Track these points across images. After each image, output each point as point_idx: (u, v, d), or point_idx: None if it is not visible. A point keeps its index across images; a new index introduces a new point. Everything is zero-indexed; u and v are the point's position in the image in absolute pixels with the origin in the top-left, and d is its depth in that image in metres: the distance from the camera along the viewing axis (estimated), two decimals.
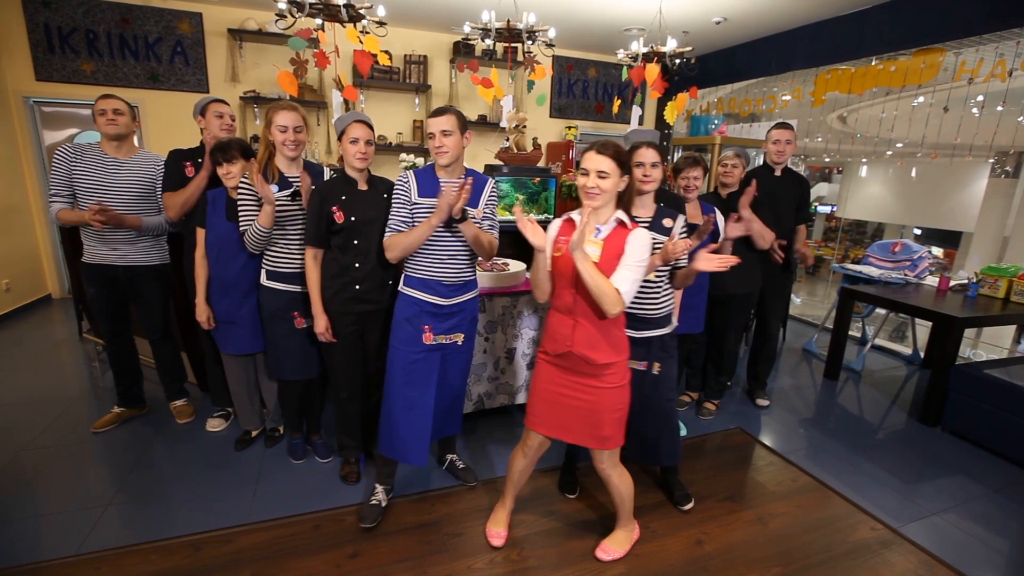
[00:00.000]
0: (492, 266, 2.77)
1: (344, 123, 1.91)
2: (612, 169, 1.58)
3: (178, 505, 2.07)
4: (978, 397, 2.75)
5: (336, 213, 1.92)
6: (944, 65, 3.72)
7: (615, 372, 1.66)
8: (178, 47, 4.70)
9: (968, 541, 2.05)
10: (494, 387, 2.75)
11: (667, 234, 1.90)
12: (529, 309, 2.69)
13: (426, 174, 1.90)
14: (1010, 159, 8.32)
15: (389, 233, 1.86)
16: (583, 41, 5.66)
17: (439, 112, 1.82)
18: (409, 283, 1.93)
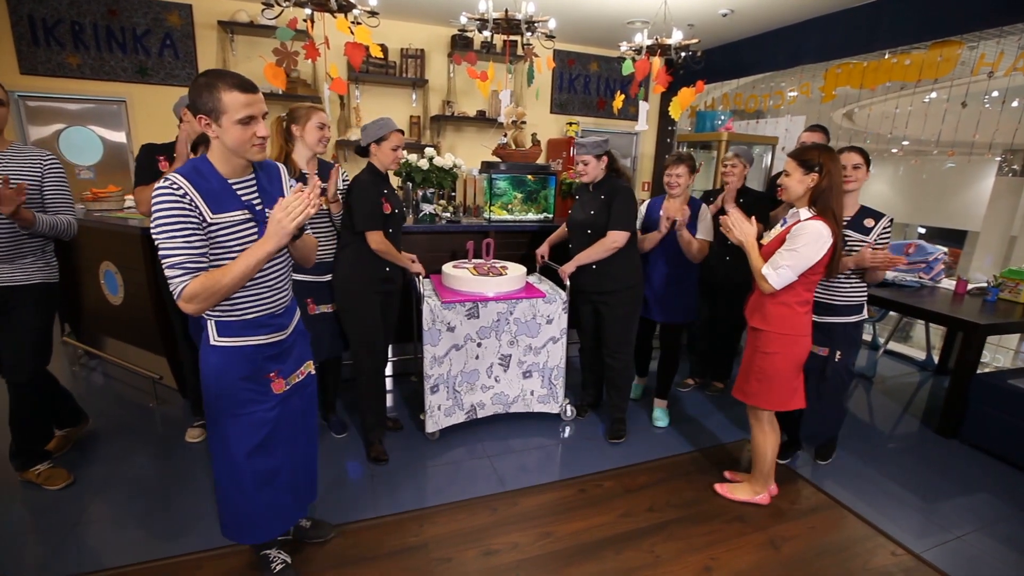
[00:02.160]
0: (489, 269, 2.62)
1: (386, 130, 2.17)
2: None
3: (160, 523, 1.93)
4: (1001, 408, 2.60)
5: (385, 204, 2.21)
6: (962, 59, 3.55)
7: (767, 339, 1.97)
8: (167, 40, 4.56)
9: (998, 567, 1.90)
10: (488, 397, 2.59)
11: (867, 233, 2.16)
12: (527, 315, 2.52)
13: (208, 180, 1.32)
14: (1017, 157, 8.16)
15: (186, 276, 1.25)
16: (585, 35, 5.50)
17: (252, 87, 1.31)
18: (229, 332, 1.40)
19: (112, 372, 3.22)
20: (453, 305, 2.40)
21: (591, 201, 2.47)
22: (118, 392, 2.99)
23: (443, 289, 2.56)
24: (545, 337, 2.60)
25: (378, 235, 2.19)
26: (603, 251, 2.38)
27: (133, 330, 3.03)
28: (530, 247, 3.35)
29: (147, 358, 2.99)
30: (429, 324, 2.36)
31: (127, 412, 2.75)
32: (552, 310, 2.56)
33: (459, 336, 2.44)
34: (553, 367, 2.66)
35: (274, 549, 1.71)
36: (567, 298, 2.56)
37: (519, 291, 2.56)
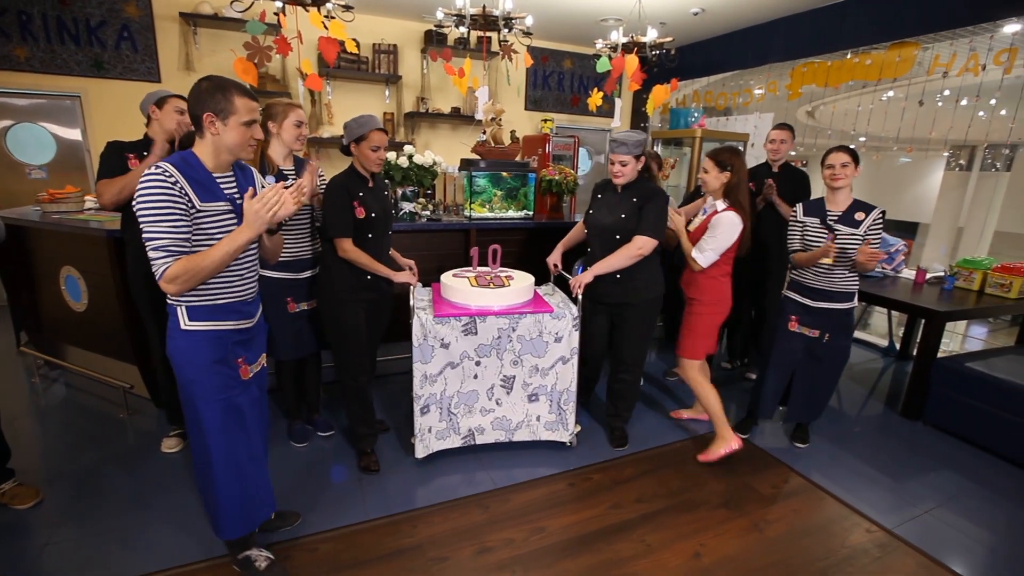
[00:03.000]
0: (492, 279, 2.38)
1: (365, 128, 2.04)
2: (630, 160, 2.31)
3: (136, 540, 1.85)
4: (960, 391, 2.76)
5: (357, 208, 2.07)
6: (919, 59, 3.73)
7: (700, 305, 2.41)
8: (124, 32, 4.34)
9: (961, 539, 2.03)
10: (488, 421, 2.34)
11: (857, 227, 2.29)
12: (532, 332, 2.24)
13: (197, 171, 1.42)
14: (964, 153, 8.64)
15: (169, 258, 1.33)
16: (559, 32, 5.52)
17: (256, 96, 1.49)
18: (200, 316, 1.45)
19: (77, 383, 3.07)
20: (447, 320, 2.15)
21: (621, 204, 2.29)
22: (84, 404, 2.85)
23: (440, 301, 2.32)
24: (553, 357, 2.30)
25: (346, 243, 2.06)
26: (628, 258, 2.22)
27: (99, 338, 2.89)
28: (512, 244, 3.36)
29: (116, 367, 2.86)
30: (420, 339, 2.14)
31: (96, 425, 2.63)
32: (561, 327, 2.26)
33: (454, 354, 2.20)
34: (562, 390, 2.36)
35: (253, 549, 1.71)
36: (578, 313, 2.27)
37: (523, 304, 2.29)
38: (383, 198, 2.22)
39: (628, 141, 2.19)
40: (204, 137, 1.43)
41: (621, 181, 2.27)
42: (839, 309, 2.38)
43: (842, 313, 2.39)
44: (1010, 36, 3.30)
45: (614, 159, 2.24)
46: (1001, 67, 3.31)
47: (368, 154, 2.06)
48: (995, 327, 5.24)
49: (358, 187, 2.09)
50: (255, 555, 1.70)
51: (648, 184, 2.30)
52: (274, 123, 2.13)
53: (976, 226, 8.41)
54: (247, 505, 1.62)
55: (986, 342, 4.82)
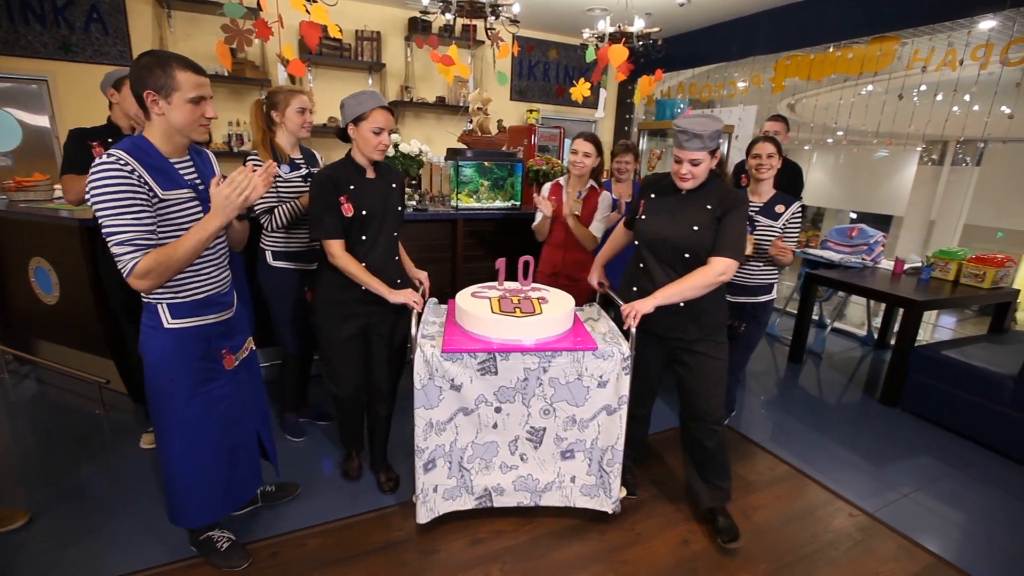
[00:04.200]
0: (521, 302, 1.85)
1: (365, 106, 1.70)
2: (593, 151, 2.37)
3: (116, 538, 1.80)
4: (936, 378, 2.84)
5: (344, 205, 1.74)
6: (898, 54, 3.80)
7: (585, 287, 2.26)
8: (94, 13, 4.16)
9: (938, 521, 2.09)
10: (510, 480, 1.85)
11: (776, 219, 2.27)
12: (570, 374, 1.71)
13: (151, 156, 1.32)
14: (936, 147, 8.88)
15: (137, 252, 1.24)
16: (544, 21, 5.47)
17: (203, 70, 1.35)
18: (183, 313, 1.41)
19: (49, 378, 2.96)
20: (458, 356, 1.66)
21: (691, 211, 1.74)
22: (58, 400, 2.75)
23: (453, 327, 1.83)
24: (596, 406, 1.77)
25: (334, 246, 1.74)
26: (705, 286, 1.68)
27: (72, 332, 2.79)
28: (499, 234, 3.33)
29: (90, 361, 2.76)
30: (423, 379, 1.66)
31: (71, 421, 2.54)
32: (607, 369, 1.72)
33: (468, 398, 1.72)
34: (605, 447, 1.82)
35: (216, 531, 1.71)
36: (630, 352, 1.72)
37: (558, 338, 1.76)
38: (386, 192, 1.85)
39: (704, 132, 1.61)
40: (151, 119, 1.31)
41: (691, 186, 1.72)
42: (755, 303, 2.38)
43: (758, 306, 2.39)
44: (986, 32, 3.37)
45: (682, 156, 1.67)
46: (978, 63, 3.38)
47: (368, 137, 1.72)
48: (964, 317, 5.41)
49: (348, 179, 1.77)
50: (217, 535, 1.69)
51: (724, 186, 1.76)
52: (277, 112, 2.06)
53: (947, 219, 8.66)
54: (219, 496, 1.61)
55: (956, 331, 4.98)
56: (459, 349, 1.66)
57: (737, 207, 1.71)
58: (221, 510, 1.64)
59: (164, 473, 1.55)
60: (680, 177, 1.71)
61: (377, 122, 1.72)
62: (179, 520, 1.60)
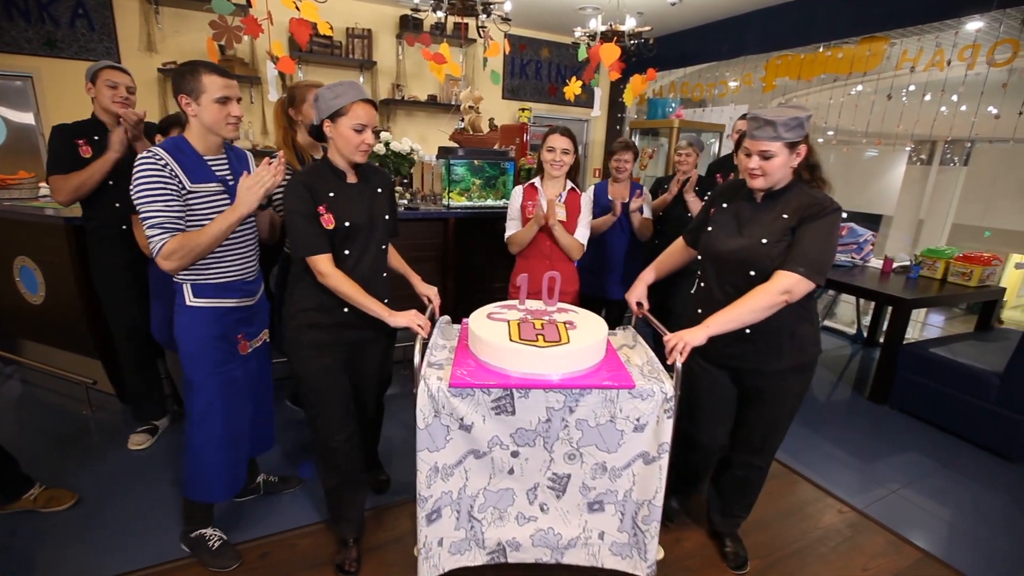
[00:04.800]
0: (544, 327, 1.55)
1: (344, 98, 1.45)
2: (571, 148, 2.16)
3: (105, 539, 1.77)
4: (924, 375, 2.87)
5: (324, 216, 1.48)
6: (887, 54, 3.83)
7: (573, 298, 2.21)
8: (79, 9, 4.10)
9: (925, 516, 2.12)
10: (527, 533, 1.58)
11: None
12: (601, 415, 1.44)
13: (187, 154, 1.48)
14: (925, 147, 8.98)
15: (164, 235, 1.39)
16: (536, 20, 5.46)
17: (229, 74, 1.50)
18: (205, 293, 1.52)
19: (34, 379, 2.92)
20: (469, 392, 1.41)
21: (763, 222, 1.48)
22: (44, 401, 2.72)
23: (464, 354, 1.55)
24: (630, 453, 1.49)
25: (322, 263, 1.47)
26: (765, 308, 1.39)
27: (59, 332, 2.75)
28: (491, 233, 3.33)
29: (77, 362, 2.72)
30: (428, 417, 1.41)
31: (57, 422, 2.50)
32: (646, 410, 1.44)
33: (480, 439, 1.46)
34: (641, 502, 1.53)
35: (209, 528, 1.73)
36: (675, 391, 1.42)
37: (588, 372, 1.46)
38: (371, 198, 1.60)
39: (777, 119, 1.35)
40: (188, 120, 1.48)
41: (761, 184, 1.44)
42: None
43: None
44: (973, 33, 3.41)
45: (751, 147, 1.43)
46: (965, 63, 3.42)
47: (348, 136, 1.47)
48: (952, 315, 5.48)
49: (327, 185, 1.51)
50: (209, 534, 1.72)
51: (810, 193, 1.46)
52: (294, 109, 1.96)
53: (935, 218, 8.76)
54: (221, 477, 1.65)
55: (943, 329, 5.04)
56: (470, 384, 1.39)
57: (820, 215, 1.39)
58: (221, 492, 1.68)
59: (187, 446, 1.63)
60: (749, 173, 1.45)
61: (358, 118, 1.47)
62: (191, 492, 1.66)
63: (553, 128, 2.16)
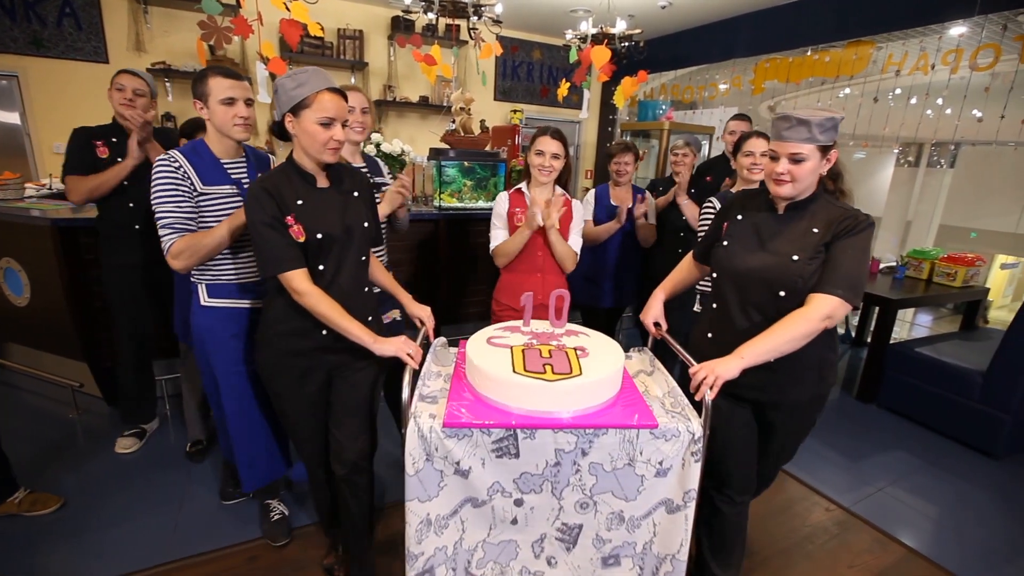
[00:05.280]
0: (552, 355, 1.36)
1: (306, 89, 1.26)
2: (562, 152, 1.95)
3: (93, 544, 1.75)
4: (911, 374, 2.91)
5: (292, 227, 1.30)
6: (873, 58, 3.88)
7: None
8: (67, 8, 4.06)
9: (911, 514, 2.15)
10: None
11: None
12: (618, 458, 1.25)
13: (202, 157, 1.52)
14: (912, 149, 9.10)
15: (174, 235, 1.43)
16: (528, 22, 5.48)
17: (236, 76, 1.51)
18: (219, 294, 1.56)
19: (19, 382, 2.88)
20: (466, 433, 1.22)
21: (789, 236, 1.32)
22: (29, 404, 2.68)
23: (460, 386, 1.36)
24: (652, 500, 1.31)
25: (296, 279, 1.29)
26: (806, 335, 1.24)
27: (44, 334, 2.72)
28: (482, 234, 3.33)
29: (63, 364, 2.69)
30: (418, 462, 1.22)
31: (44, 426, 2.47)
32: (670, 453, 1.26)
33: (478, 486, 1.27)
34: (664, 556, 1.34)
35: (275, 500, 1.87)
36: (703, 431, 1.25)
37: (603, 408, 1.28)
38: (346, 204, 1.41)
39: (812, 119, 1.21)
40: (207, 124, 1.53)
41: (789, 191, 1.29)
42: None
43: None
44: (956, 38, 3.47)
45: (779, 149, 1.27)
46: (948, 67, 3.47)
47: (314, 132, 1.28)
48: (940, 315, 5.55)
49: (294, 192, 1.32)
50: (273, 506, 1.86)
51: (838, 204, 1.33)
52: None
53: (923, 219, 8.88)
54: (261, 464, 1.71)
55: (931, 329, 5.10)
56: (468, 424, 1.20)
57: (855, 230, 1.25)
58: (264, 475, 1.73)
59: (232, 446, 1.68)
60: (775, 179, 1.28)
61: (325, 110, 1.27)
62: (250, 486, 1.72)
63: (543, 129, 1.95)
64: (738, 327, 1.37)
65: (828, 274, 1.25)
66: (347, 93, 1.65)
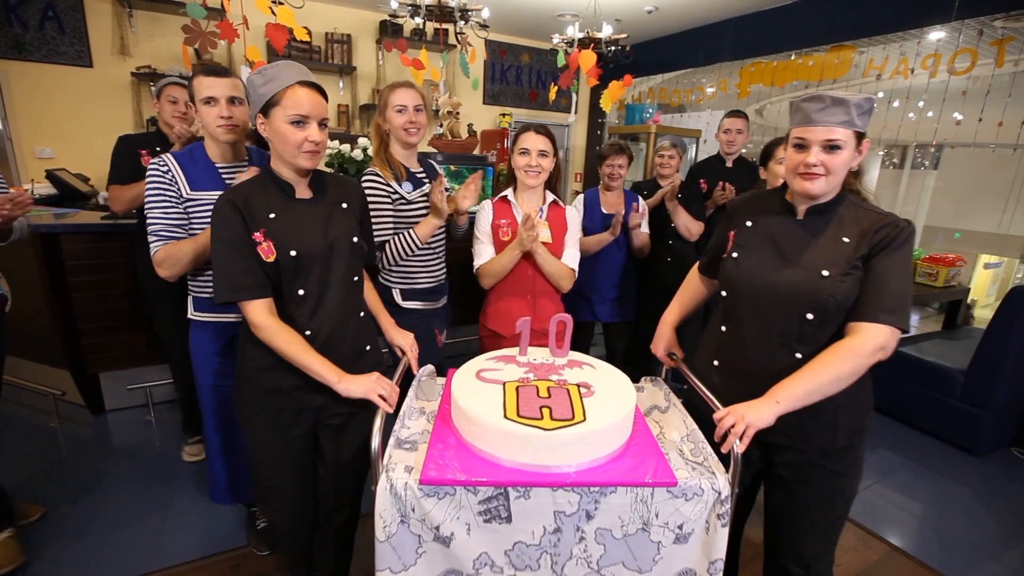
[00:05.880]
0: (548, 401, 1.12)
1: (276, 84, 1.10)
2: (550, 149, 1.72)
3: (60, 558, 1.73)
4: (893, 373, 2.95)
5: (261, 244, 1.13)
6: (855, 62, 3.95)
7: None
8: (49, 11, 4.02)
9: (895, 511, 2.17)
10: None
11: None
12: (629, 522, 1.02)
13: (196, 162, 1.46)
14: (897, 151, 9.25)
15: (159, 242, 1.39)
16: (516, 26, 5.51)
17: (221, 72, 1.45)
18: (204, 307, 1.52)
19: None
20: (448, 492, 1.00)
21: (815, 245, 1.11)
22: (8, 413, 2.64)
23: (445, 431, 1.14)
24: (670, 572, 1.07)
25: (253, 310, 1.13)
26: (854, 372, 1.03)
27: (24, 342, 2.67)
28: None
29: (44, 372, 2.66)
30: (391, 527, 1.01)
31: (24, 435, 2.44)
32: (691, 514, 1.04)
33: (462, 556, 1.03)
34: None
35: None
36: (732, 489, 1.02)
37: (611, 459, 1.07)
38: (330, 217, 1.23)
39: (851, 99, 1.03)
40: None
41: (821, 188, 1.07)
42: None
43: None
44: (935, 42, 3.54)
45: (808, 137, 1.06)
46: (927, 71, 3.54)
47: (286, 133, 1.11)
48: (926, 314, 5.64)
49: (267, 204, 1.16)
50: (260, 514, 1.83)
51: (864, 205, 1.14)
52: (381, 117, 1.68)
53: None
54: (235, 481, 1.70)
55: (917, 328, 5.17)
56: (448, 481, 0.99)
57: (898, 240, 1.05)
58: (234, 499, 1.74)
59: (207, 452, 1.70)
60: (804, 173, 1.06)
61: (297, 107, 1.10)
62: (213, 496, 1.72)
63: (525, 126, 1.74)
64: (751, 355, 1.15)
65: (873, 297, 1.04)
66: (400, 90, 1.63)
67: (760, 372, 1.12)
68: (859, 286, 1.06)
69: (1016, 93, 3.25)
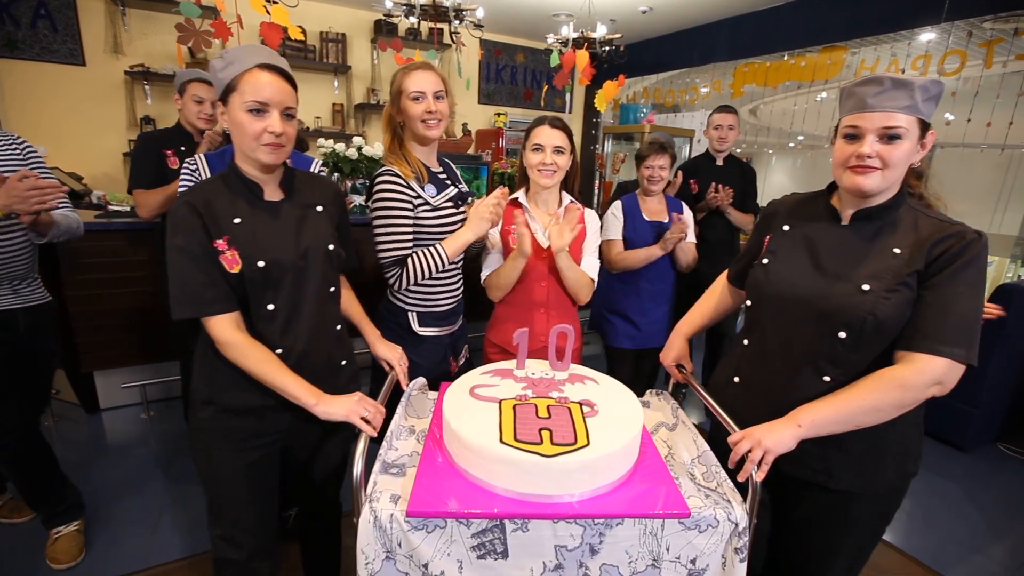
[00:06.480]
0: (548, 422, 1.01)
1: (235, 68, 0.98)
2: (567, 145, 1.51)
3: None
4: None
5: (224, 253, 1.00)
6: (847, 62, 3.99)
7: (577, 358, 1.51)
8: (41, 9, 4.00)
9: None
10: None
11: None
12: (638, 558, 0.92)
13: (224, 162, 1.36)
14: None
15: None
16: (511, 26, 5.53)
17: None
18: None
19: None
20: (436, 524, 0.89)
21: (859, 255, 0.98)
22: None
23: (435, 455, 1.04)
24: None
25: (218, 326, 1.02)
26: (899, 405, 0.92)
27: None
28: None
29: None
30: (374, 563, 0.90)
31: None
32: (705, 548, 0.92)
33: None
34: None
35: None
36: (750, 519, 0.91)
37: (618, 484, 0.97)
38: (303, 221, 1.11)
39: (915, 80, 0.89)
40: None
41: (877, 184, 0.92)
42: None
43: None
44: (925, 44, 3.58)
45: (863, 125, 0.91)
46: (918, 72, 3.58)
47: (241, 122, 0.99)
48: None
49: (232, 207, 1.04)
50: None
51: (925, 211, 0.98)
52: (394, 107, 1.39)
53: None
54: None
55: None
56: (439, 513, 0.89)
57: (967, 255, 0.89)
58: None
59: None
60: (856, 167, 0.92)
61: (256, 92, 0.97)
62: None
63: (540, 119, 1.53)
64: (774, 373, 1.02)
65: (931, 324, 0.89)
66: (417, 73, 1.33)
67: (781, 392, 1.00)
68: (908, 307, 0.90)
69: (1004, 94, 3.29)
